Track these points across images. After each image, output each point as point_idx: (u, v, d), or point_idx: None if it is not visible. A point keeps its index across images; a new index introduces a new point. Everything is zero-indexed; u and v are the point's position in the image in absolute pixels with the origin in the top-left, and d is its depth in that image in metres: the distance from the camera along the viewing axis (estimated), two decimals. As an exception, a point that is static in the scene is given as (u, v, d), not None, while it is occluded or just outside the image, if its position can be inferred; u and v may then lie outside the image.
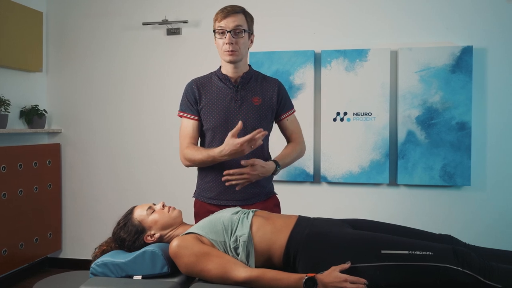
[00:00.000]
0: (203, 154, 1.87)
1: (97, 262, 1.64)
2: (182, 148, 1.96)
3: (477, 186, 3.14)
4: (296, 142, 2.11)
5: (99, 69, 3.69)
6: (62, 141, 3.79)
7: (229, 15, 1.89)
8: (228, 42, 1.89)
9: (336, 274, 1.41)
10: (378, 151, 3.20)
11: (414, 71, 3.14)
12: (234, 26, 1.88)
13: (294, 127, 2.12)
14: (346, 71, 3.23)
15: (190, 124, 1.99)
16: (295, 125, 2.13)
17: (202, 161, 1.89)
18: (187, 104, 2.00)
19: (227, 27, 1.89)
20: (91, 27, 3.69)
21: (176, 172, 3.53)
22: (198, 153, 1.89)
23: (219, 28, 1.90)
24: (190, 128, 1.98)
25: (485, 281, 1.40)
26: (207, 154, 1.85)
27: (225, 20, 1.89)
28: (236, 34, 1.90)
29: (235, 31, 1.89)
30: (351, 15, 3.27)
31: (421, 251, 1.45)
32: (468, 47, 3.06)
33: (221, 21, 1.89)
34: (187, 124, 1.99)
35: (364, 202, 3.28)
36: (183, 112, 2.01)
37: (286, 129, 2.10)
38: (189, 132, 1.98)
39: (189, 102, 1.99)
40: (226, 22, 1.89)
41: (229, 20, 1.89)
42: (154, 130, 3.61)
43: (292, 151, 2.05)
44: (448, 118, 3.10)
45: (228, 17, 1.89)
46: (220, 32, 1.90)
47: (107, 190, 3.71)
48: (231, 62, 1.95)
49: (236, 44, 1.90)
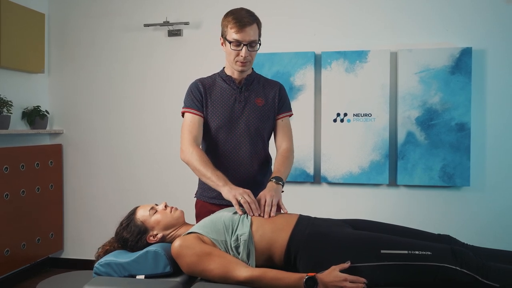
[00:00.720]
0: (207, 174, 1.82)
1: (100, 262, 1.66)
2: (185, 142, 1.91)
3: (476, 186, 3.16)
4: (286, 153, 2.03)
5: (101, 70, 3.72)
6: (63, 141, 3.81)
7: (246, 28, 1.85)
8: (244, 55, 1.89)
9: (336, 274, 1.43)
10: (378, 151, 3.22)
11: (414, 72, 3.16)
12: (250, 41, 1.87)
13: (286, 130, 2.07)
14: (346, 72, 3.25)
15: (196, 119, 1.96)
16: (287, 128, 2.08)
17: (201, 176, 1.85)
18: (193, 100, 1.99)
19: (244, 41, 1.87)
20: (92, 29, 3.71)
21: (177, 172, 3.55)
22: (202, 168, 1.83)
23: (234, 40, 1.87)
24: (196, 124, 1.95)
25: (483, 280, 1.42)
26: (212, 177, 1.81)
27: (242, 33, 1.85)
28: (252, 47, 1.90)
29: (251, 44, 1.89)
30: (351, 16, 3.29)
31: (420, 251, 1.47)
32: (468, 48, 3.08)
33: (238, 33, 1.86)
34: (192, 119, 1.96)
35: (364, 202, 3.30)
36: (188, 107, 1.99)
37: (278, 130, 2.07)
38: (193, 127, 1.94)
39: (195, 98, 1.99)
40: (243, 36, 1.86)
41: (245, 33, 1.86)
42: (155, 130, 3.63)
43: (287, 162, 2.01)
44: (448, 119, 3.13)
45: (244, 30, 1.85)
46: (235, 44, 1.89)
47: (109, 190, 3.74)
48: (242, 71, 1.97)
49: (250, 55, 1.92)
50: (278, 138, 2.07)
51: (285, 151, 2.02)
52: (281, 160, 1.97)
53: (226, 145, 1.98)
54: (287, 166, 1.96)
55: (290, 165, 1.99)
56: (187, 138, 1.92)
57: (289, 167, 1.98)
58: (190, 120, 1.96)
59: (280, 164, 1.96)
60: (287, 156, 2.00)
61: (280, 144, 2.06)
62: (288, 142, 2.05)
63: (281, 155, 2.01)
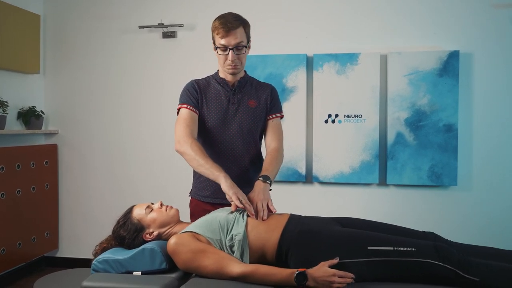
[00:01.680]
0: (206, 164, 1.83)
1: (98, 259, 1.72)
2: (182, 134, 1.92)
3: (463, 186, 3.25)
4: (274, 153, 2.06)
5: (96, 71, 3.76)
6: (59, 141, 3.85)
7: (230, 32, 1.90)
8: (231, 59, 1.95)
9: (325, 269, 1.50)
10: (368, 152, 3.30)
11: (403, 75, 3.24)
12: (236, 44, 1.92)
13: (276, 130, 2.11)
14: (337, 74, 3.32)
15: (192, 115, 1.99)
16: (277, 128, 2.12)
17: (199, 166, 1.86)
18: (189, 97, 2.03)
19: (229, 45, 1.92)
20: (87, 30, 3.75)
21: (172, 172, 3.61)
22: (201, 159, 1.83)
23: (221, 45, 1.93)
24: (192, 119, 1.98)
25: (463, 275, 1.50)
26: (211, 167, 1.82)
27: (227, 38, 1.91)
28: (238, 50, 1.95)
29: (237, 48, 1.94)
30: (343, 20, 3.36)
31: (405, 247, 1.54)
32: (455, 51, 3.17)
33: (223, 38, 1.91)
34: (189, 114, 1.98)
35: (354, 201, 3.37)
36: (185, 103, 2.01)
37: (268, 130, 2.11)
38: (190, 122, 1.97)
39: (191, 96, 2.03)
40: (229, 40, 1.91)
41: (230, 38, 1.91)
42: (150, 131, 3.68)
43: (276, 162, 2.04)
44: (436, 120, 3.21)
45: (229, 34, 1.91)
46: (222, 49, 1.95)
47: (104, 190, 3.78)
48: (233, 74, 2.03)
49: (238, 59, 1.97)
50: (268, 138, 2.12)
51: (274, 151, 2.06)
52: (270, 160, 2.01)
53: (219, 144, 2.04)
54: (275, 166, 2.00)
55: (278, 165, 2.03)
56: (184, 130, 1.93)
57: (277, 166, 2.01)
58: (187, 115, 1.99)
59: (268, 163, 2.00)
60: (275, 156, 2.03)
61: (270, 144, 2.10)
62: (277, 142, 2.09)
63: (270, 155, 2.05)
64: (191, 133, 1.94)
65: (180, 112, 2.02)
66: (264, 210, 1.75)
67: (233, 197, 1.74)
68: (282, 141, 2.12)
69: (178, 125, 1.97)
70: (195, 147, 1.87)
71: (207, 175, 1.84)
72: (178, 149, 1.93)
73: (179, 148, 1.92)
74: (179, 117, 2.01)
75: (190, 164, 1.90)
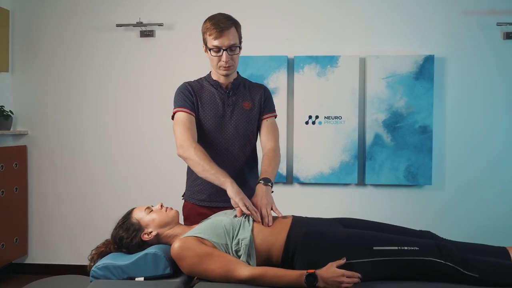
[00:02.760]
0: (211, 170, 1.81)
1: (98, 265, 1.66)
2: (184, 138, 1.89)
3: (437, 185, 3.38)
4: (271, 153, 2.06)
5: (69, 70, 3.63)
6: (28, 143, 3.68)
7: (223, 33, 1.89)
8: (225, 60, 1.93)
9: (334, 270, 1.52)
10: (348, 153, 3.37)
11: (381, 78, 3.33)
12: (229, 45, 1.91)
13: (271, 129, 2.11)
14: (318, 77, 3.37)
15: (190, 118, 1.96)
16: (272, 128, 2.11)
17: (204, 172, 1.84)
18: (185, 100, 1.99)
19: (223, 46, 1.90)
20: (61, 27, 3.61)
21: (150, 175, 3.54)
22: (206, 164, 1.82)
23: (214, 47, 1.91)
24: (191, 122, 1.95)
25: (464, 272, 1.56)
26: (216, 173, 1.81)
27: (221, 38, 1.89)
28: (232, 51, 1.94)
29: (231, 48, 1.93)
30: (323, 23, 3.42)
31: (409, 247, 1.59)
32: (430, 56, 3.29)
33: (216, 39, 1.89)
34: (188, 117, 1.95)
35: (334, 201, 3.43)
36: (182, 107, 1.98)
37: (263, 130, 2.10)
38: (190, 125, 1.94)
39: (187, 99, 2.00)
40: (222, 41, 1.90)
41: (224, 38, 1.89)
42: (125, 132, 3.59)
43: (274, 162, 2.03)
44: (412, 122, 3.32)
45: (222, 35, 1.89)
46: (215, 51, 1.93)
47: (76, 193, 3.65)
48: (226, 75, 2.01)
49: (231, 60, 1.96)
50: (263, 138, 2.11)
51: (271, 151, 2.05)
52: (268, 161, 2.00)
53: (215, 147, 2.02)
54: (274, 166, 1.99)
55: (277, 165, 2.02)
56: (186, 134, 1.90)
57: (276, 167, 2.01)
58: (185, 118, 1.95)
59: (267, 164, 1.99)
60: (273, 156, 2.02)
61: (265, 144, 2.09)
62: (273, 142, 2.08)
63: (267, 156, 2.03)
64: (192, 137, 1.92)
65: (177, 115, 1.98)
66: (269, 215, 1.76)
67: (239, 204, 1.74)
68: (278, 140, 2.11)
69: (178, 129, 1.94)
70: (199, 152, 1.85)
71: (212, 180, 1.82)
72: (181, 154, 1.90)
73: (182, 153, 1.89)
74: (177, 120, 1.97)
75: (194, 169, 1.88)
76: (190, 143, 1.88)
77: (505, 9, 3.29)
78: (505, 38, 3.30)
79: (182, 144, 1.90)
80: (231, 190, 1.77)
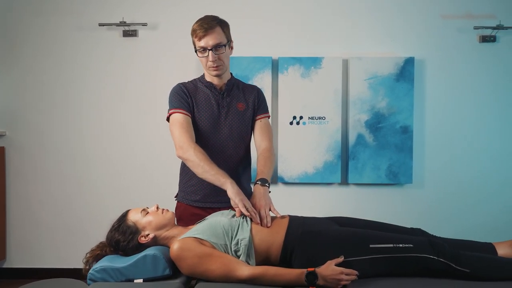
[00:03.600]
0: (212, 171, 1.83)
1: (95, 268, 1.64)
2: (183, 139, 1.90)
3: (417, 183, 3.48)
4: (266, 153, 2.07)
5: (48, 69, 3.54)
6: (6, 144, 3.58)
7: (208, 33, 1.92)
8: (212, 60, 1.95)
9: (333, 268, 1.56)
10: (331, 152, 3.43)
11: (363, 79, 3.40)
12: (214, 44, 1.93)
13: (265, 130, 2.12)
14: (302, 78, 3.42)
15: (187, 119, 1.97)
16: (266, 128, 2.13)
17: (204, 173, 1.85)
18: (181, 101, 2.00)
19: (208, 46, 1.93)
20: (42, 26, 3.52)
21: (135, 175, 3.51)
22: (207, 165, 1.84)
23: (200, 48, 1.94)
24: (189, 123, 1.96)
25: (456, 267, 1.63)
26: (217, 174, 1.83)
27: (205, 38, 1.92)
28: (217, 50, 1.95)
29: (216, 48, 1.94)
30: (307, 25, 3.46)
31: (403, 244, 1.65)
32: (410, 58, 3.39)
33: (201, 40, 1.92)
34: (184, 119, 1.96)
35: (318, 200, 3.49)
36: (178, 108, 1.98)
37: (257, 131, 2.12)
38: (187, 127, 1.94)
39: (183, 99, 2.00)
40: (206, 41, 1.92)
41: (208, 38, 1.92)
42: (108, 132, 3.54)
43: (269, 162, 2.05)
44: (393, 122, 3.41)
45: (207, 35, 1.92)
46: (201, 51, 1.95)
47: (56, 195, 3.57)
48: (217, 75, 2.02)
49: (219, 59, 1.97)
50: (257, 139, 2.12)
51: (265, 151, 2.07)
52: (263, 161, 2.03)
53: (210, 148, 2.02)
54: (270, 166, 2.01)
55: (272, 165, 2.04)
56: (185, 136, 1.91)
57: (271, 166, 2.03)
58: (183, 120, 1.96)
59: (262, 165, 2.01)
60: (268, 156, 2.04)
61: (260, 144, 2.10)
62: (267, 142, 2.10)
63: (262, 156, 2.05)
64: (191, 138, 1.92)
65: (174, 117, 1.98)
66: (268, 216, 1.78)
67: (239, 205, 1.76)
68: (272, 140, 2.14)
69: (175, 130, 1.94)
70: (199, 153, 1.87)
71: (212, 181, 1.84)
72: (181, 155, 1.91)
73: (182, 155, 1.90)
74: (174, 122, 1.97)
75: (194, 170, 1.89)
76: (190, 144, 1.89)
77: (481, 14, 3.42)
78: (481, 42, 3.43)
79: (181, 146, 1.90)
80: (231, 191, 1.79)
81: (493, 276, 1.61)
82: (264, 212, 1.78)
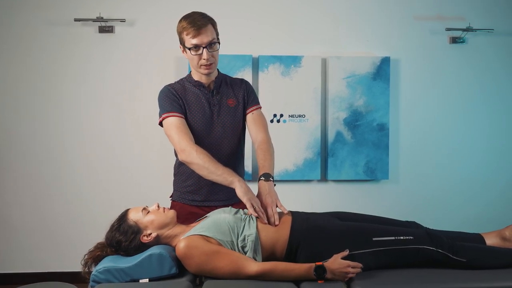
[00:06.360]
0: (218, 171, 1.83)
1: (98, 269, 1.60)
2: (185, 142, 1.87)
3: (393, 179, 3.60)
4: (264, 145, 2.06)
5: (17, 66, 3.38)
6: (-28, 144, 3.40)
7: (201, 30, 1.89)
8: (206, 57, 1.92)
9: (340, 261, 1.60)
10: (311, 150, 3.49)
11: (342, 78, 3.48)
12: (208, 41, 1.90)
13: (259, 121, 2.09)
14: (282, 76, 3.45)
15: (183, 122, 1.93)
16: (259, 119, 2.10)
17: (210, 174, 1.84)
18: (173, 104, 1.96)
19: (202, 43, 1.89)
20: (10, 20, 3.36)
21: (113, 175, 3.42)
22: (212, 166, 1.82)
23: (193, 45, 1.90)
24: (185, 126, 1.92)
25: (453, 257, 1.71)
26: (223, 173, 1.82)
27: (199, 36, 1.88)
28: (212, 47, 1.94)
29: (210, 45, 1.93)
30: (287, 24, 3.50)
31: (404, 236, 1.72)
32: (386, 57, 3.49)
33: (194, 37, 1.88)
34: (180, 121, 1.93)
35: (298, 197, 3.52)
36: (171, 112, 1.94)
37: (251, 123, 2.10)
38: (184, 129, 1.91)
39: (174, 102, 1.96)
40: (201, 39, 1.89)
41: (202, 36, 1.89)
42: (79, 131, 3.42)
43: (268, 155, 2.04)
44: (370, 120, 3.51)
45: (201, 32, 1.88)
46: (194, 50, 1.91)
47: (24, 195, 3.40)
48: (208, 74, 2.00)
49: (212, 56, 1.95)
50: (252, 131, 2.09)
51: (263, 143, 2.04)
52: (262, 155, 2.00)
53: (204, 147, 1.98)
54: (270, 159, 1.99)
55: (272, 157, 2.02)
56: (184, 138, 1.88)
57: (272, 159, 2.00)
58: (178, 122, 1.93)
59: (262, 159, 1.98)
60: (266, 148, 2.01)
61: (256, 136, 2.07)
62: (263, 133, 2.07)
63: (260, 149, 2.02)
64: (191, 140, 1.90)
65: (169, 121, 1.94)
66: (275, 214, 1.78)
67: (247, 205, 1.76)
68: (268, 131, 2.10)
69: (174, 134, 1.90)
70: (202, 155, 1.84)
71: (220, 181, 1.83)
72: (184, 159, 1.88)
73: (186, 158, 1.87)
74: (171, 126, 1.92)
75: (199, 173, 1.87)
76: (191, 147, 1.87)
77: (451, 16, 3.57)
78: (451, 43, 3.59)
79: (183, 149, 1.87)
80: (240, 189, 1.79)
81: (488, 265, 1.71)
82: (272, 211, 1.78)
